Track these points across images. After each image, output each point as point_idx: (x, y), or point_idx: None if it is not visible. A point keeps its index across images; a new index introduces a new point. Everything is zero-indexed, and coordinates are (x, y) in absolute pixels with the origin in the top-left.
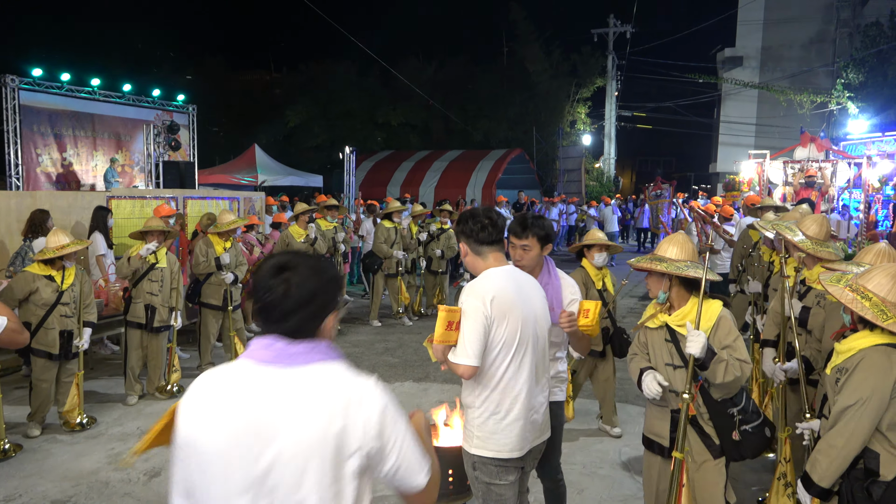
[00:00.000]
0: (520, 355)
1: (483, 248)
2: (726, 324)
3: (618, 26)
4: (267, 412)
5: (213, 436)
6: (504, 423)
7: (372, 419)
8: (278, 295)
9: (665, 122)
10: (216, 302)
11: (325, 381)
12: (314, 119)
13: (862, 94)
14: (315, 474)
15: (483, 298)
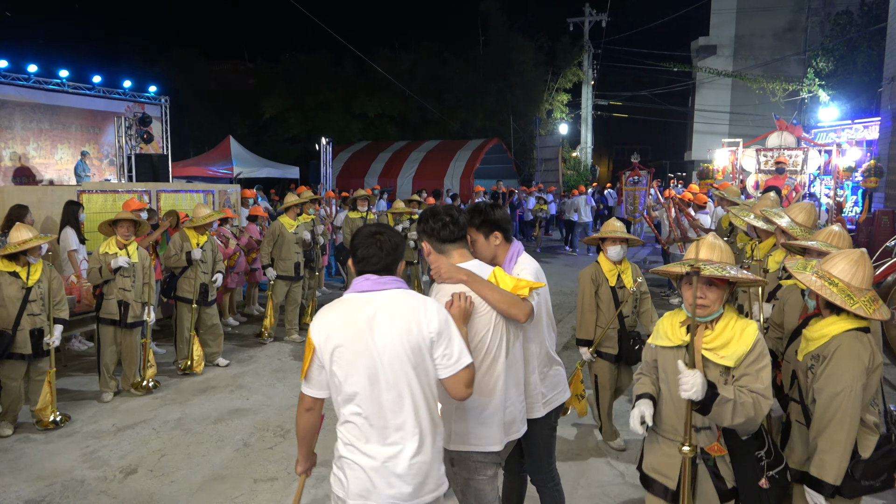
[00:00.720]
0: (493, 349)
1: (446, 247)
2: (759, 349)
3: (593, 15)
4: (373, 314)
5: (346, 336)
6: (482, 417)
7: (432, 320)
8: (375, 249)
9: (641, 111)
10: (191, 296)
11: (403, 297)
12: (290, 110)
13: (832, 82)
14: (405, 348)
15: (454, 293)
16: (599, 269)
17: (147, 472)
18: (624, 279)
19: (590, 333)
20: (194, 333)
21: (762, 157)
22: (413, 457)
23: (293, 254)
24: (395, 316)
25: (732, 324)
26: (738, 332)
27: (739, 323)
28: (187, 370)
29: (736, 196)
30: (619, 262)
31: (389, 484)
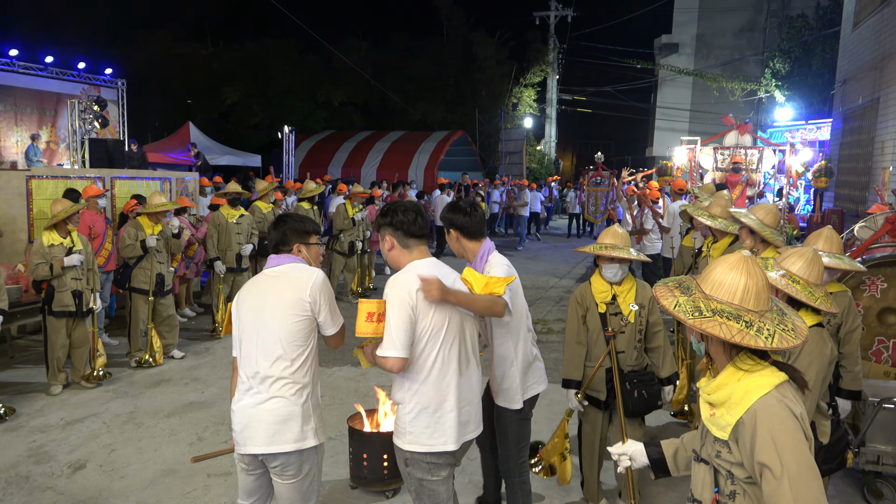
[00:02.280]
0: (447, 346)
1: (411, 241)
2: (771, 422)
3: (559, 10)
4: (269, 285)
5: (248, 303)
6: (436, 416)
7: (313, 290)
8: (272, 233)
9: (604, 107)
10: (147, 286)
11: (294, 270)
12: (252, 97)
13: (788, 83)
14: (285, 313)
15: (408, 289)
16: (587, 290)
17: (96, 467)
18: (621, 303)
19: (577, 372)
20: (152, 325)
21: (719, 156)
22: (261, 406)
23: (235, 245)
24: (282, 285)
25: (738, 375)
26: (741, 390)
27: (747, 379)
28: (145, 363)
29: (710, 193)
30: (617, 283)
31: (254, 427)
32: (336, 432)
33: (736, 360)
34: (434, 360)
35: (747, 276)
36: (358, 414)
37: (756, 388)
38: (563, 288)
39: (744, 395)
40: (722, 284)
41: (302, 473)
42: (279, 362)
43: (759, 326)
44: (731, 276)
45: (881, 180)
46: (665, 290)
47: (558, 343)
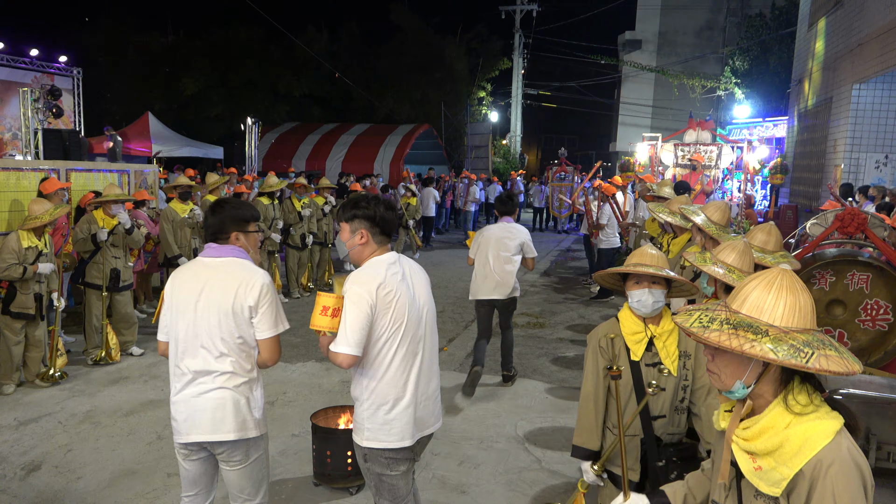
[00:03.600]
0: (406, 343)
1: (383, 239)
2: (836, 478)
3: (525, 4)
4: (207, 279)
5: (183, 292)
6: (393, 413)
7: (253, 292)
8: (210, 218)
9: (569, 102)
10: (100, 282)
11: (236, 267)
12: (213, 87)
13: (747, 81)
14: (221, 310)
15: (368, 287)
16: (617, 330)
17: (52, 468)
18: (661, 350)
19: (593, 439)
20: (107, 321)
21: (679, 152)
22: (206, 396)
23: (189, 239)
24: (223, 283)
25: (783, 420)
26: (798, 437)
27: (803, 425)
28: (101, 360)
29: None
30: (652, 319)
31: (198, 416)
32: (299, 429)
33: (787, 396)
34: (392, 357)
35: (799, 292)
36: (321, 411)
37: (818, 434)
38: (528, 282)
39: (804, 443)
40: (791, 309)
41: (249, 459)
42: (223, 357)
43: (837, 347)
44: (789, 296)
45: (833, 177)
46: (730, 337)
47: (522, 337)
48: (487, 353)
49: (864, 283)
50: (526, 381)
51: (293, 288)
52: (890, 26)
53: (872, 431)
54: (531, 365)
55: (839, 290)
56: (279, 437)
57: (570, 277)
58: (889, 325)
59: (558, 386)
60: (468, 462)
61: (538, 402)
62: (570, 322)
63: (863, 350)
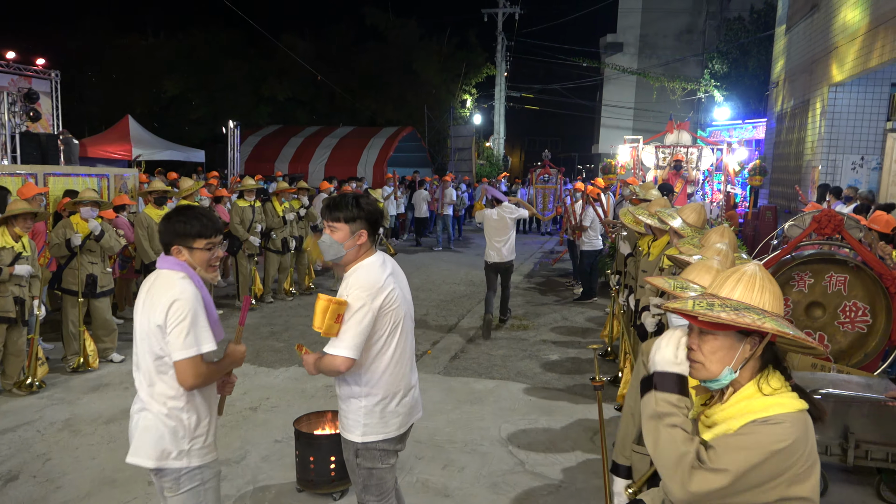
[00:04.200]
0: (402, 340)
1: (374, 238)
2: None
3: (507, 7)
4: (146, 290)
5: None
6: (393, 405)
7: (160, 313)
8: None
9: (552, 104)
10: (76, 288)
11: (162, 281)
12: (194, 90)
13: (726, 84)
14: (142, 327)
15: (371, 291)
16: None
17: (30, 478)
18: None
19: (625, 453)
20: (84, 328)
21: (661, 154)
22: (136, 415)
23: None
24: (149, 296)
25: (756, 397)
26: (755, 405)
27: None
28: (80, 367)
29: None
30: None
31: (132, 435)
32: (282, 435)
33: (760, 379)
34: (392, 353)
35: (771, 284)
36: (304, 416)
37: (778, 405)
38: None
39: (762, 408)
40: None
41: (180, 490)
42: (144, 379)
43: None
44: (755, 293)
45: (811, 178)
46: (730, 312)
47: (506, 340)
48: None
49: (842, 284)
50: (510, 383)
51: (267, 293)
52: (865, 29)
53: (851, 430)
54: (515, 367)
55: (818, 293)
56: (262, 443)
57: (553, 279)
58: (868, 327)
59: (542, 388)
60: (452, 465)
61: (522, 405)
62: (553, 324)
63: (843, 352)
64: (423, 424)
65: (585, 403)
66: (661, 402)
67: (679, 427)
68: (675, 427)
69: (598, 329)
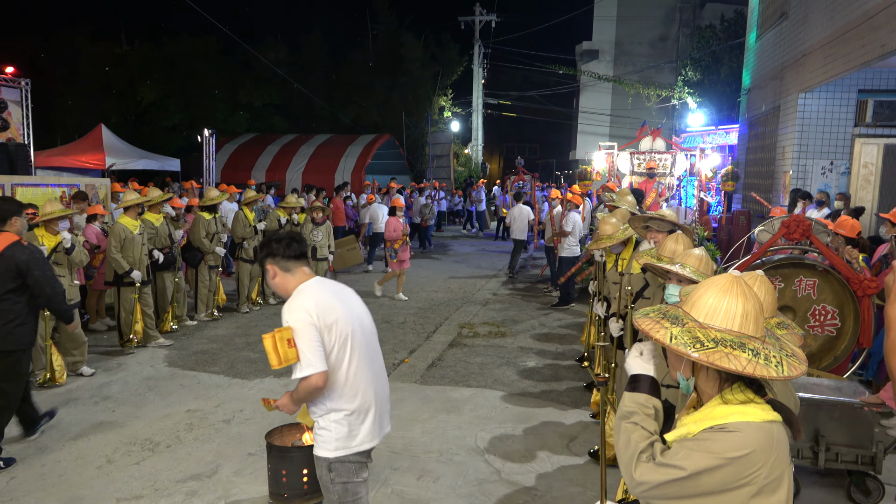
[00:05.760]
0: (357, 351)
1: (291, 264)
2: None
3: (483, 14)
4: None
5: None
6: (360, 418)
7: None
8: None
9: (530, 111)
10: None
11: None
12: (170, 97)
13: (699, 91)
14: None
15: (306, 309)
16: None
17: None
18: None
19: None
20: (51, 342)
21: (636, 160)
22: None
23: (140, 255)
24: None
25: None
26: (721, 413)
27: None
28: (46, 383)
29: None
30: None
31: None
32: (255, 448)
33: (725, 392)
34: (347, 366)
35: (744, 299)
36: (277, 429)
37: (738, 413)
38: (489, 290)
39: (723, 415)
40: (717, 310)
41: None
42: None
43: (766, 354)
44: (727, 300)
45: (782, 183)
46: (651, 322)
47: (484, 347)
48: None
49: (811, 288)
50: (487, 391)
51: (242, 303)
52: (832, 37)
53: (821, 433)
54: (492, 375)
55: (788, 297)
56: (235, 456)
57: (531, 285)
58: (837, 331)
59: (519, 395)
60: (427, 476)
61: (499, 413)
62: (531, 331)
63: (814, 356)
64: (398, 434)
65: (562, 410)
66: (629, 402)
67: (639, 425)
68: (635, 425)
69: (577, 335)
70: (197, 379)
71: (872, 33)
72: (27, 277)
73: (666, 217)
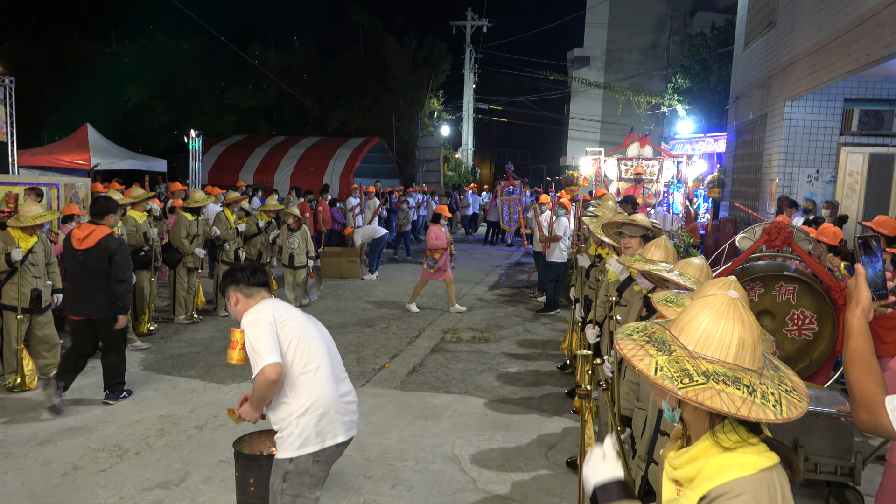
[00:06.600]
0: (314, 348)
1: (253, 290)
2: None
3: (475, 19)
4: None
5: None
6: (326, 416)
7: None
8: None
9: (521, 116)
10: (18, 304)
11: None
12: (157, 98)
13: (689, 98)
14: None
15: (261, 310)
16: None
17: None
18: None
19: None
20: (23, 346)
21: (623, 166)
22: None
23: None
24: None
25: (710, 452)
26: (715, 465)
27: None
28: (16, 387)
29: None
30: None
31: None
32: (227, 455)
33: (717, 430)
34: (307, 361)
35: (741, 325)
36: (246, 436)
37: (737, 465)
38: (475, 296)
39: (718, 470)
40: (710, 337)
41: None
42: None
43: (763, 391)
44: (722, 326)
45: (768, 190)
46: (634, 347)
47: (466, 352)
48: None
49: (792, 294)
50: (467, 397)
51: (221, 306)
52: (818, 46)
53: (800, 444)
54: (473, 381)
55: (768, 302)
56: (205, 463)
57: (518, 291)
58: (814, 335)
59: (500, 401)
60: (401, 485)
61: (477, 420)
62: (515, 336)
63: (790, 359)
64: (374, 441)
65: (542, 417)
66: None
67: None
68: None
69: (561, 342)
70: (172, 383)
71: (858, 42)
72: (111, 262)
73: (637, 222)
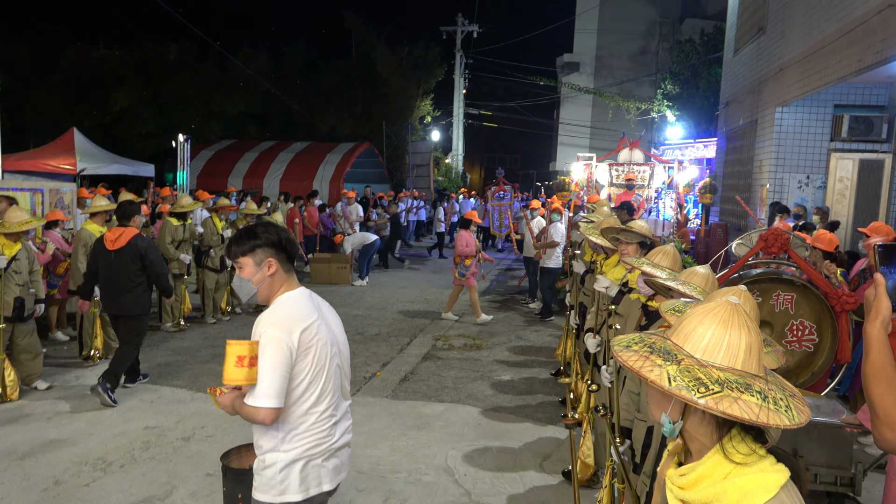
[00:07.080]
0: (329, 386)
1: (289, 265)
2: None
3: (465, 25)
4: None
5: None
6: (315, 463)
7: None
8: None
9: (511, 122)
10: (0, 312)
11: None
12: (144, 103)
13: (678, 104)
14: None
15: (288, 329)
16: None
17: None
18: None
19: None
20: (4, 356)
21: (614, 172)
22: None
23: None
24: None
25: (721, 470)
26: (736, 491)
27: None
28: None
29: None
30: None
31: None
32: (215, 468)
33: (725, 443)
34: (316, 401)
35: (746, 331)
36: (234, 449)
37: (759, 488)
38: (465, 302)
39: (742, 497)
40: (718, 345)
41: None
42: None
43: (774, 396)
44: (730, 333)
45: (759, 196)
46: (639, 358)
47: (459, 360)
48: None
49: (789, 303)
50: (460, 406)
51: (208, 313)
52: (808, 52)
53: (799, 453)
54: (466, 389)
55: (765, 312)
56: (192, 477)
57: (510, 297)
58: (815, 346)
59: (493, 410)
60: (394, 497)
61: (471, 430)
62: (508, 343)
63: (790, 372)
64: (366, 453)
65: (537, 426)
66: None
67: None
68: None
69: (554, 348)
70: (158, 393)
71: (849, 48)
72: (144, 260)
73: (635, 229)
